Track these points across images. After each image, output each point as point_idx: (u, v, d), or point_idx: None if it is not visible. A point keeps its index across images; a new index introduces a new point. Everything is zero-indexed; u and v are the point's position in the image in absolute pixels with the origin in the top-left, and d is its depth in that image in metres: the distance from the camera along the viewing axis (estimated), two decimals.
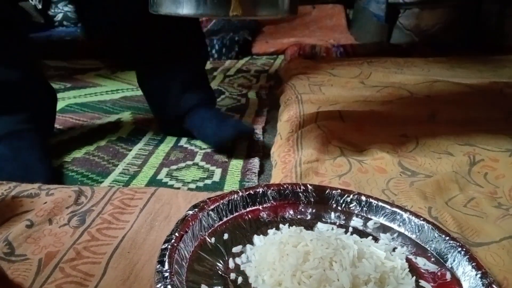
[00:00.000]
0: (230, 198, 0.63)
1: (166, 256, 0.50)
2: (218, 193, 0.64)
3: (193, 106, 1.01)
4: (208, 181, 0.86)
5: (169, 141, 1.03)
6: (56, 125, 1.10)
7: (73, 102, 1.29)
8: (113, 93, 1.39)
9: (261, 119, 1.17)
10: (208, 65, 1.79)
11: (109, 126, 1.12)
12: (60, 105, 1.26)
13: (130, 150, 0.98)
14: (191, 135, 1.04)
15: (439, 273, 0.55)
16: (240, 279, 0.52)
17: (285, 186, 0.67)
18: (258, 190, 0.65)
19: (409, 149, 0.89)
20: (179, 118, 1.02)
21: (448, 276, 0.54)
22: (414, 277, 0.53)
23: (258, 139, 1.04)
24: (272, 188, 0.66)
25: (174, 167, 0.91)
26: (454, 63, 1.57)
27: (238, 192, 0.64)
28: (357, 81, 1.33)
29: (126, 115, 1.19)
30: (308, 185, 0.67)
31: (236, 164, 0.91)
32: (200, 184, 0.84)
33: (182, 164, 0.92)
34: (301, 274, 0.49)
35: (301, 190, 0.67)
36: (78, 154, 0.95)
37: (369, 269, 0.50)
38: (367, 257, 0.53)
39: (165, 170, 0.90)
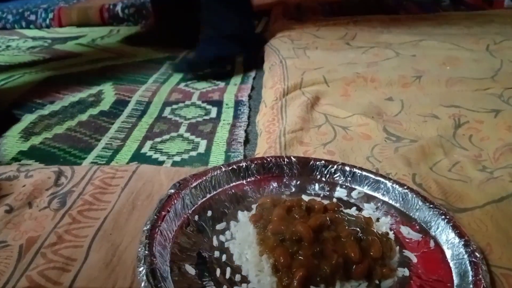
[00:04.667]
0: (213, 174, 0.62)
1: (148, 238, 0.49)
2: (201, 169, 0.63)
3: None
4: (194, 153, 0.84)
5: (153, 112, 1.01)
6: (36, 99, 1.08)
7: (53, 74, 1.26)
8: (94, 63, 1.35)
9: (247, 86, 1.15)
10: None
11: (90, 98, 1.09)
12: (39, 77, 1.23)
13: (113, 123, 0.96)
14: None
15: (423, 242, 0.55)
16: (224, 257, 0.51)
17: (268, 159, 0.66)
18: (241, 164, 0.64)
19: (394, 113, 0.88)
20: None
21: (432, 244, 0.55)
22: (398, 247, 0.53)
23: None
24: (255, 162, 0.65)
25: (158, 139, 0.90)
26: (442, 20, 1.53)
27: (221, 168, 0.63)
28: (343, 42, 1.30)
29: (107, 87, 1.16)
30: (292, 157, 0.66)
31: (221, 135, 0.90)
32: (185, 156, 0.83)
33: (167, 136, 0.91)
34: None
35: (285, 162, 0.66)
36: (60, 130, 0.94)
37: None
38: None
39: (149, 143, 0.88)
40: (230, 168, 0.64)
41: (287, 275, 0.46)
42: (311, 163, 0.66)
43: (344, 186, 0.65)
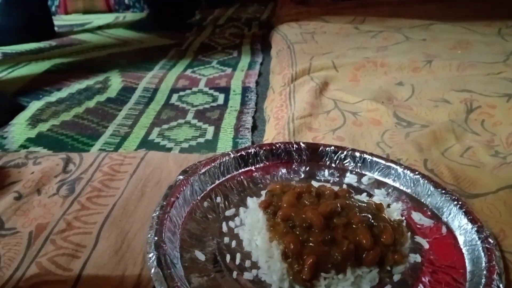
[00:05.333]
0: (221, 161, 0.61)
1: (158, 224, 0.49)
2: (210, 155, 0.63)
3: None
4: (201, 140, 0.84)
5: (160, 99, 1.01)
6: (43, 86, 1.08)
7: (59, 62, 1.25)
8: (100, 50, 1.35)
9: (254, 72, 1.13)
10: (197, 15, 1.75)
11: (97, 85, 1.09)
12: (46, 65, 1.23)
13: (120, 110, 0.96)
14: None
15: (434, 228, 0.54)
16: (233, 243, 0.51)
17: (277, 145, 0.65)
18: (250, 150, 0.64)
19: (405, 98, 0.87)
20: None
21: (444, 230, 0.54)
22: (410, 233, 0.53)
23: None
24: (264, 148, 0.65)
25: (165, 126, 0.89)
26: (452, 3, 1.51)
27: (230, 154, 0.63)
28: (351, 27, 1.28)
29: (114, 73, 1.16)
30: (301, 143, 0.66)
31: (228, 122, 0.89)
32: (193, 143, 0.83)
33: (174, 123, 0.90)
34: None
35: (294, 148, 0.65)
36: (67, 117, 0.93)
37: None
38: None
39: (156, 130, 0.88)
40: (239, 154, 0.63)
41: (297, 262, 0.46)
42: (320, 149, 0.66)
43: (354, 172, 0.64)
